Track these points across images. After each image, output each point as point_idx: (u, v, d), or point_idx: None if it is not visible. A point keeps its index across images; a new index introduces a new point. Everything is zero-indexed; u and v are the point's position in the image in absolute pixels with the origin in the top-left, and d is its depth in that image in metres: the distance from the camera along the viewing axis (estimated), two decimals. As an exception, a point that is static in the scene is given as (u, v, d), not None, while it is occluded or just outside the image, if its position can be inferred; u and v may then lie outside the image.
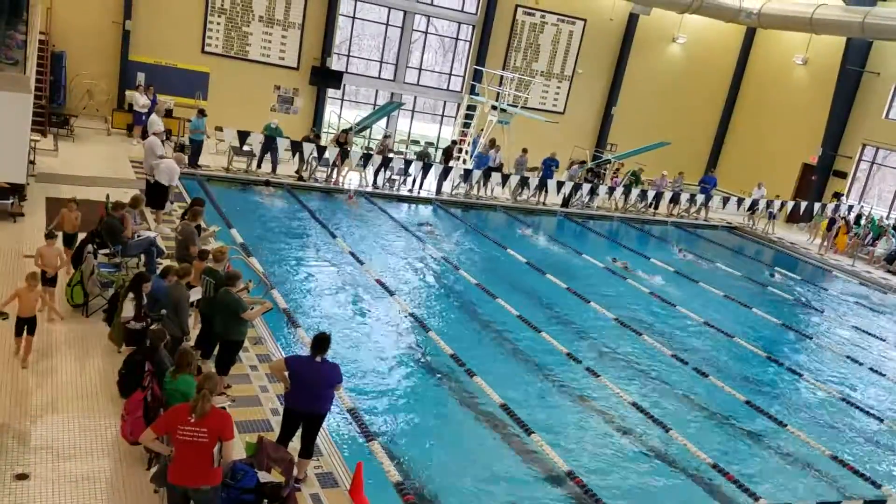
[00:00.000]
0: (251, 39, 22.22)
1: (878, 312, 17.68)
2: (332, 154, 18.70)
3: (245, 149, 18.23)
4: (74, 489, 6.20)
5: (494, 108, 22.69)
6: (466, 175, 20.60)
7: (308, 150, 18.37)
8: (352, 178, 20.08)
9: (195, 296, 8.72)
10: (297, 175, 19.12)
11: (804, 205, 24.19)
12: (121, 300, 8.53)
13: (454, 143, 23.36)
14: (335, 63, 23.69)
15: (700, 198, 23.75)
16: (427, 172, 20.38)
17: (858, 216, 23.96)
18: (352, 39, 24.81)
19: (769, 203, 23.64)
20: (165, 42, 20.91)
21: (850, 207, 24.27)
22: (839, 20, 22.64)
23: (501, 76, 24.12)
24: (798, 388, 12.12)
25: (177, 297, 7.99)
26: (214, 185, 16.97)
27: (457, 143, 23.42)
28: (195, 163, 17.59)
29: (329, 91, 23.73)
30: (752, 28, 27.62)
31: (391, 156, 20.53)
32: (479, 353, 10.86)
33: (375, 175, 20.09)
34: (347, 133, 20.22)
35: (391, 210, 18.56)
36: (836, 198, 25.07)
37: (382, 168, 19.74)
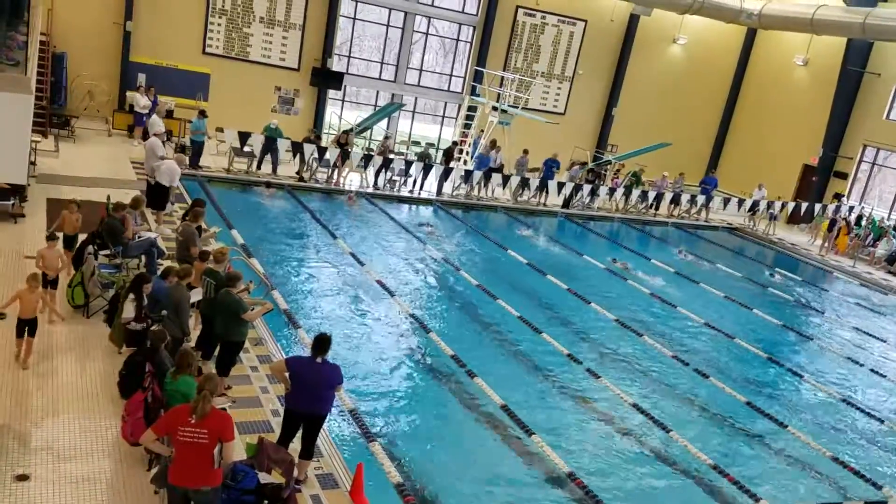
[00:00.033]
0: (252, 40, 22.23)
1: (879, 313, 17.67)
2: (333, 155, 18.72)
3: (246, 150, 18.24)
4: (75, 490, 6.21)
5: (495, 109, 22.70)
6: (467, 176, 20.61)
7: (309, 151, 18.40)
8: (352, 179, 20.09)
9: (196, 297, 8.72)
10: (298, 176, 19.13)
11: (805, 206, 24.18)
12: (121, 301, 8.54)
13: (455, 144, 23.37)
14: (336, 64, 23.70)
15: (701, 199, 23.75)
16: (428, 173, 20.38)
17: (859, 217, 23.96)
18: (352, 40, 24.83)
19: (770, 204, 23.63)
20: (166, 43, 20.93)
21: (851, 208, 24.26)
22: (840, 21, 22.65)
23: (502, 77, 24.14)
24: (799, 389, 12.12)
25: (177, 298, 8.00)
26: (215, 186, 16.99)
27: (457, 144, 23.43)
28: (196, 164, 17.59)
29: (330, 92, 23.74)
30: (753, 29, 27.63)
31: (392, 157, 20.53)
32: (480, 354, 10.86)
33: (376, 176, 20.11)
34: (348, 134, 20.23)
35: (392, 211, 18.56)
36: (837, 199, 25.05)
37: (383, 169, 19.76)
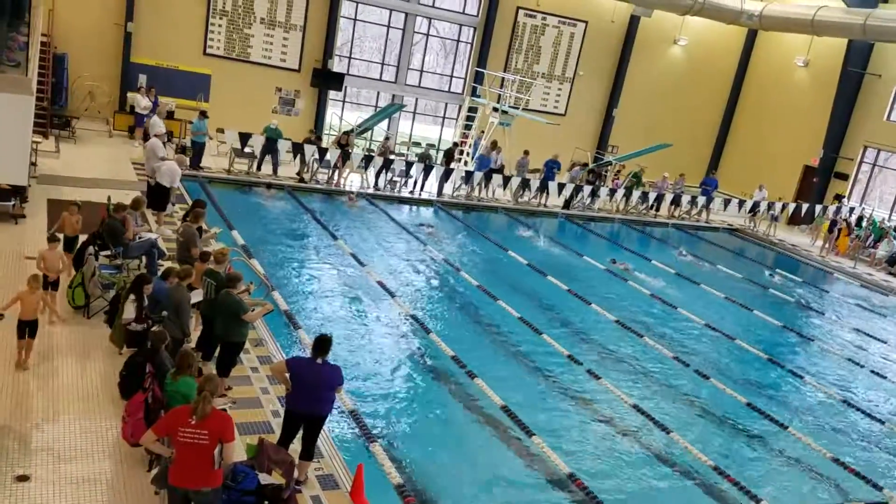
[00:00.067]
0: (253, 41, 22.25)
1: (880, 314, 17.66)
2: (334, 156, 18.74)
3: (246, 151, 18.26)
4: (75, 491, 6.21)
5: (496, 110, 22.70)
6: (468, 177, 20.61)
7: (309, 152, 18.41)
8: (353, 180, 20.10)
9: (196, 298, 8.72)
10: (299, 177, 19.14)
11: (805, 207, 24.18)
12: (122, 302, 8.54)
13: (455, 145, 23.37)
14: (336, 65, 23.70)
15: (701, 200, 23.76)
16: (428, 174, 20.38)
17: (860, 218, 23.96)
18: (353, 41, 24.85)
19: (770, 205, 23.62)
20: (167, 44, 20.95)
21: (852, 209, 24.27)
22: (840, 22, 22.65)
23: (503, 78, 24.15)
24: (799, 391, 12.11)
25: (178, 299, 8.00)
26: (216, 187, 16.99)
27: (458, 145, 23.43)
28: (197, 164, 17.60)
29: (330, 93, 23.75)
30: (754, 30, 27.64)
31: (392, 157, 20.54)
32: (480, 355, 10.86)
33: (377, 177, 20.12)
34: (349, 135, 20.24)
35: (392, 212, 18.56)
36: (838, 200, 25.05)
37: (384, 170, 19.78)
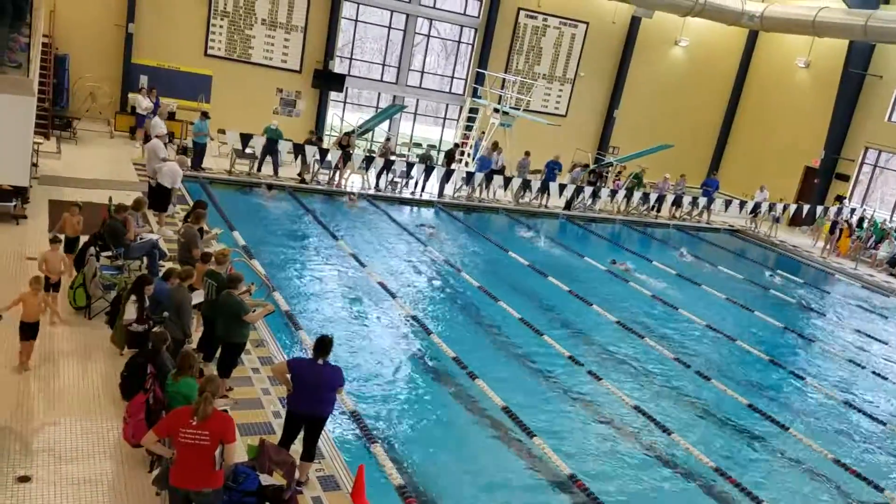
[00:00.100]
0: (254, 42, 22.25)
1: (881, 316, 17.65)
2: (335, 157, 18.74)
3: (248, 151, 18.28)
4: (76, 492, 6.21)
5: (496, 111, 22.71)
6: (468, 178, 20.62)
7: (310, 153, 18.42)
8: (354, 181, 20.10)
9: (197, 298, 8.72)
10: (300, 177, 19.14)
11: (806, 208, 24.17)
12: (123, 303, 8.53)
13: (456, 146, 23.37)
14: (337, 66, 23.70)
15: (702, 201, 23.76)
16: (429, 175, 20.39)
17: (861, 219, 23.94)
18: (354, 42, 24.86)
19: (772, 206, 23.60)
20: (168, 45, 20.95)
21: (853, 210, 24.26)
22: (842, 23, 22.64)
23: (504, 79, 24.15)
24: (800, 392, 12.10)
25: (179, 300, 8.00)
26: (217, 188, 17.00)
27: (459, 146, 23.43)
28: (199, 165, 17.60)
29: (331, 94, 23.76)
30: (755, 31, 27.64)
31: (393, 158, 20.54)
32: (481, 356, 10.86)
33: (378, 178, 20.12)
34: (350, 136, 20.25)
35: (393, 213, 18.56)
36: (839, 201, 25.03)
37: (385, 171, 19.79)
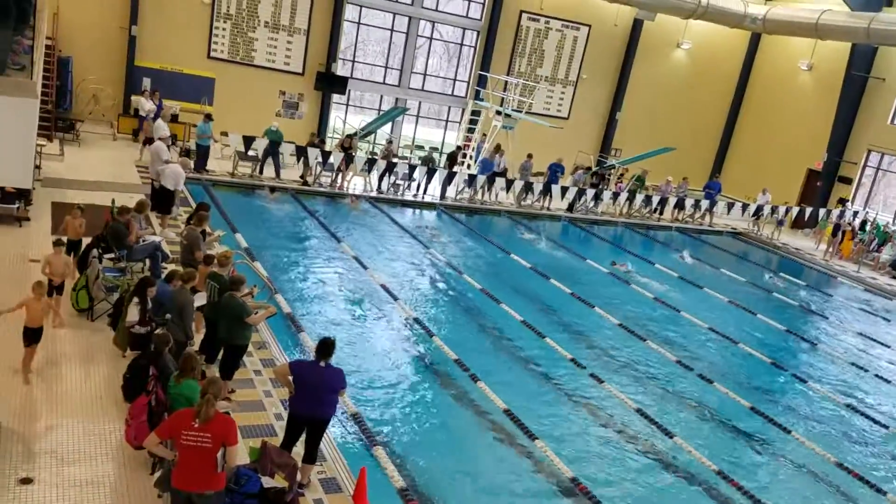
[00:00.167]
0: (257, 45, 22.28)
1: (884, 318, 17.62)
2: (337, 159, 18.75)
3: (250, 154, 18.31)
4: (78, 493, 6.22)
5: (499, 114, 22.72)
6: (471, 180, 20.62)
7: (313, 155, 18.44)
8: (356, 183, 20.12)
9: (200, 300, 8.74)
10: (302, 180, 19.17)
11: (809, 210, 24.15)
12: (125, 305, 8.55)
13: (458, 149, 23.38)
14: (340, 68, 23.73)
15: (705, 203, 23.74)
16: (431, 177, 20.40)
17: (863, 222, 23.90)
18: (357, 45, 24.89)
19: (774, 209, 23.56)
20: (171, 47, 20.99)
21: (856, 213, 24.23)
22: (844, 26, 22.64)
23: (506, 81, 24.15)
24: (803, 395, 12.07)
25: (181, 302, 8.02)
26: (219, 190, 17.02)
27: (461, 149, 23.44)
28: (203, 167, 17.64)
29: (334, 96, 23.79)
30: (757, 33, 27.63)
31: (395, 161, 20.55)
32: (483, 359, 10.86)
33: (380, 180, 20.14)
34: (352, 138, 20.27)
35: (395, 215, 18.57)
36: (842, 203, 25.01)
37: (387, 173, 19.80)
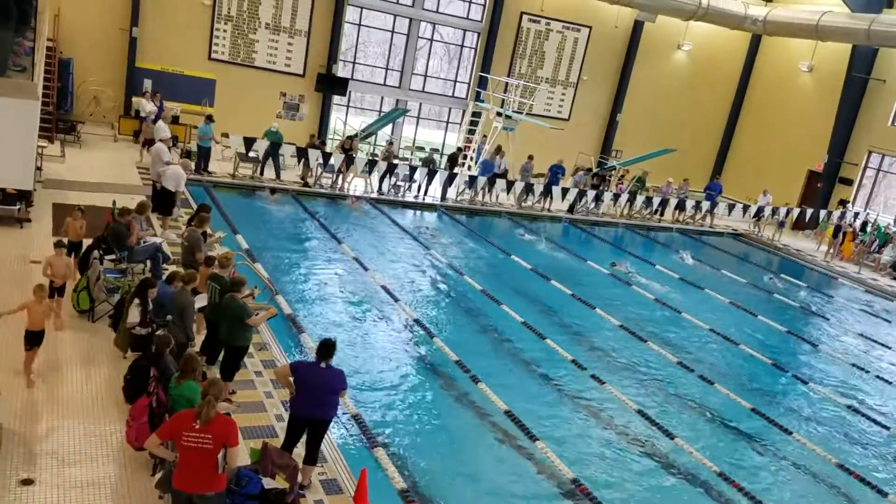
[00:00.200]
0: (257, 46, 22.30)
1: (885, 320, 17.61)
2: (338, 160, 18.77)
3: (251, 155, 18.32)
4: (79, 495, 6.22)
5: (499, 115, 22.72)
6: (471, 181, 20.63)
7: (313, 157, 18.45)
8: (357, 185, 20.13)
9: (201, 302, 8.74)
10: (303, 181, 19.18)
11: (810, 212, 24.15)
12: (126, 306, 8.55)
13: (459, 150, 23.38)
14: (341, 70, 23.75)
15: (705, 204, 23.73)
16: (432, 179, 20.40)
17: (864, 223, 23.90)
18: (357, 46, 24.90)
19: (775, 210, 23.56)
20: (172, 49, 21.02)
21: (856, 214, 24.22)
22: (845, 27, 22.65)
23: (506, 83, 24.17)
24: (804, 396, 12.07)
25: (182, 303, 8.02)
26: (220, 192, 17.03)
27: (462, 150, 23.45)
28: (205, 168, 17.66)
29: (335, 98, 23.80)
30: (758, 35, 27.64)
31: (396, 162, 20.55)
32: (484, 360, 10.86)
33: (380, 181, 20.15)
34: (353, 139, 20.28)
35: (396, 216, 18.57)
36: (842, 205, 25.00)
37: (387, 174, 19.80)
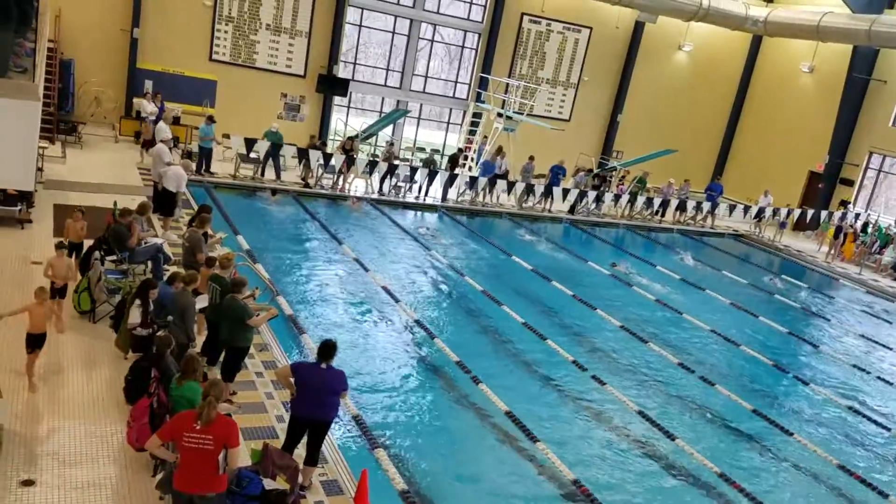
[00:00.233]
0: (258, 47, 22.31)
1: (885, 321, 17.60)
2: (339, 161, 18.78)
3: (252, 156, 18.33)
4: (80, 495, 6.22)
5: (500, 116, 22.72)
6: (472, 182, 20.63)
7: (314, 158, 18.46)
8: (357, 186, 20.13)
9: (202, 303, 8.74)
10: (304, 182, 19.18)
11: (811, 213, 24.13)
12: (127, 307, 8.56)
13: (460, 151, 23.39)
14: (342, 71, 23.77)
15: (706, 205, 23.72)
16: (433, 180, 20.41)
17: (865, 224, 23.89)
18: (358, 47, 24.91)
19: (776, 211, 23.55)
20: (173, 50, 21.04)
21: (857, 215, 24.21)
22: (846, 28, 22.64)
23: (507, 84, 24.17)
24: (805, 397, 12.06)
25: (183, 304, 8.03)
26: (221, 192, 17.04)
27: (462, 151, 23.45)
28: (207, 169, 17.68)
29: (335, 98, 23.81)
30: (759, 36, 27.64)
31: (397, 163, 20.56)
32: (485, 361, 10.86)
33: (381, 182, 20.15)
34: (353, 140, 20.29)
35: (397, 217, 18.58)
36: (843, 206, 24.99)
37: (388, 175, 19.81)
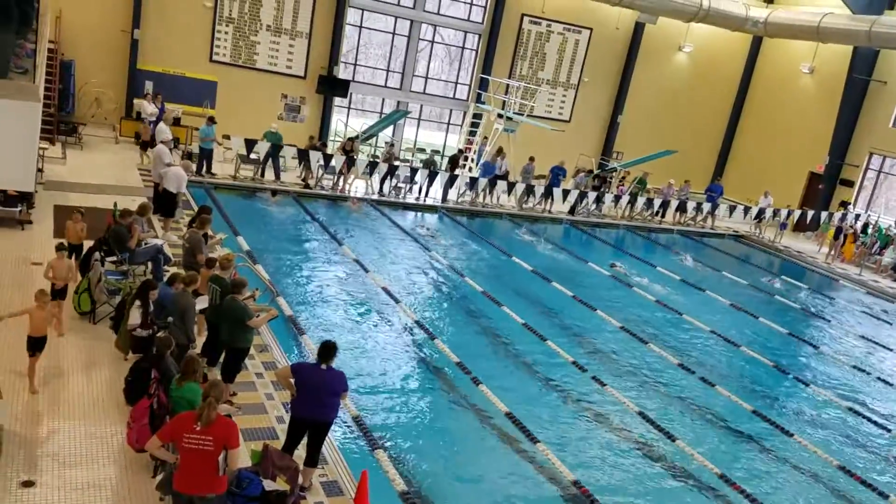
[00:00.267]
0: (259, 48, 22.32)
1: (886, 322, 17.59)
2: (339, 162, 18.79)
3: (252, 157, 18.33)
4: (80, 496, 6.22)
5: (500, 117, 22.72)
6: (472, 183, 20.63)
7: (314, 159, 18.47)
8: (357, 186, 20.14)
9: (202, 303, 8.75)
10: (304, 183, 19.19)
11: (811, 213, 24.13)
12: (128, 308, 8.56)
13: (460, 152, 23.39)
14: (342, 72, 23.77)
15: (706, 206, 23.73)
16: (433, 180, 20.41)
17: (865, 225, 23.89)
18: (358, 48, 24.92)
19: (776, 212, 23.54)
20: (173, 51, 21.04)
21: (857, 216, 24.20)
22: (846, 29, 22.65)
23: (507, 85, 24.17)
24: (805, 398, 12.06)
25: (183, 305, 8.03)
26: (221, 193, 17.04)
27: (463, 152, 23.45)
28: (208, 170, 17.68)
29: (336, 99, 23.82)
30: (759, 37, 27.64)
31: (397, 164, 20.56)
32: (485, 361, 10.86)
33: (381, 183, 20.16)
34: (353, 141, 20.29)
35: (397, 218, 18.58)
36: (843, 206, 24.98)
37: (388, 176, 19.81)
